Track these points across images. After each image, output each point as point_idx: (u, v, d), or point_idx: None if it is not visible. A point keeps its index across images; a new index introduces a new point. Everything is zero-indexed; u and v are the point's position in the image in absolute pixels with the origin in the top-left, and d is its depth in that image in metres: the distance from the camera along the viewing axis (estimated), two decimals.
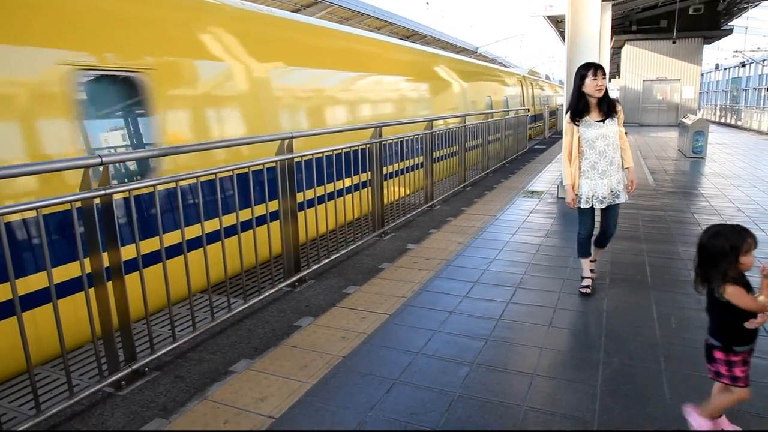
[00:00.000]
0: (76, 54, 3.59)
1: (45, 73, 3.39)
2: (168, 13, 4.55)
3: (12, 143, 3.25)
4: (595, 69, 3.85)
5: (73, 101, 3.51)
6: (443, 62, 11.87)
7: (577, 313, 3.72)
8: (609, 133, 3.93)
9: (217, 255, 3.60)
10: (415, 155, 6.82)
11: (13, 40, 3.32)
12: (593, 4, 7.34)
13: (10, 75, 3.26)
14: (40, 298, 3.13)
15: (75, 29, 3.67)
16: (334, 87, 6.91)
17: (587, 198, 4.03)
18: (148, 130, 4.09)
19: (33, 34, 3.41)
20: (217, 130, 4.76)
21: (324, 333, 3.47)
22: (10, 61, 3.27)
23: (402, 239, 5.70)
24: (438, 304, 3.88)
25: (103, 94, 3.94)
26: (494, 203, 7.48)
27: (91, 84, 3.74)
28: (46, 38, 3.47)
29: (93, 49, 3.73)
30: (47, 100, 3.41)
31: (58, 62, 3.44)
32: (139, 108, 4.05)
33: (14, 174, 2.63)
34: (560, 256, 4.98)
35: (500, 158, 11.43)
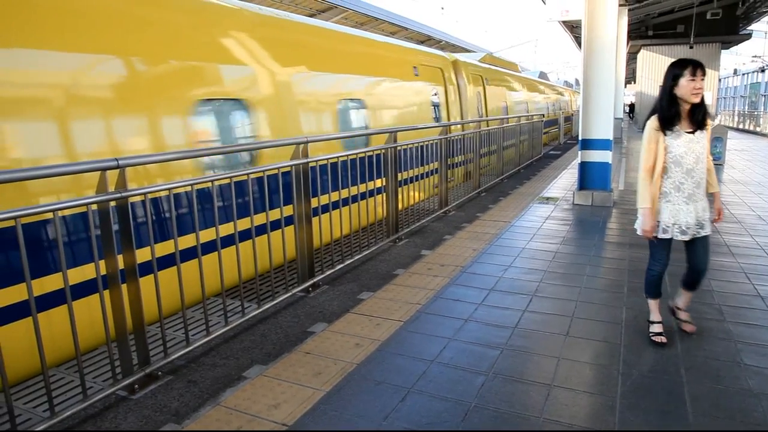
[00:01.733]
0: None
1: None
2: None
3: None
4: (693, 68, 3.13)
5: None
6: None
7: (595, 323, 3.65)
8: (700, 148, 3.22)
9: (232, 259, 3.59)
10: (431, 161, 6.78)
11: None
12: (610, 9, 7.29)
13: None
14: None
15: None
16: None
17: (666, 226, 3.31)
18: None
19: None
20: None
21: (338, 339, 3.44)
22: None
23: (416, 245, 5.67)
24: (453, 312, 3.84)
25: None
26: (509, 209, 7.42)
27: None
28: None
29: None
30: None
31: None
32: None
33: (34, 176, 2.65)
34: (576, 263, 4.92)
35: (515, 164, 11.36)
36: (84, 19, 3.63)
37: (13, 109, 3.17)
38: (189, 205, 3.94)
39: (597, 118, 7.56)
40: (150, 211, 3.08)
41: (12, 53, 3.19)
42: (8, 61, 3.16)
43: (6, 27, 3.16)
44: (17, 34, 3.22)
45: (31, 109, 3.28)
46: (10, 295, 2.96)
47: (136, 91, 3.88)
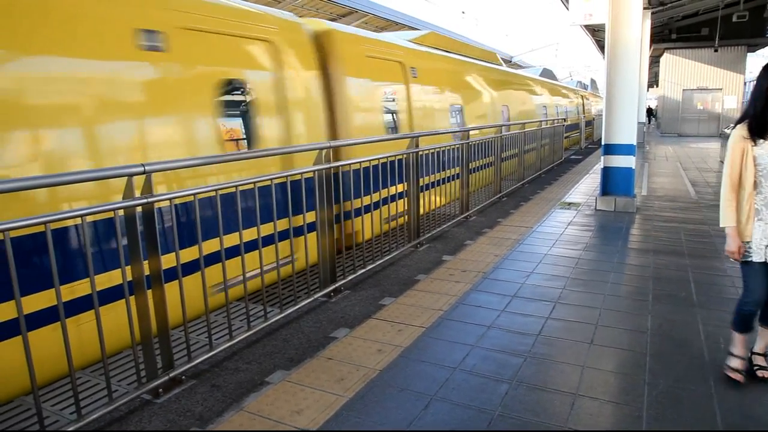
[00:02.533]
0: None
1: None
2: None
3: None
4: None
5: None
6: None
7: (619, 331, 3.60)
8: None
9: (254, 264, 3.61)
10: (452, 166, 6.76)
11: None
12: (635, 13, 7.20)
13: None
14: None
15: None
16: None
17: (759, 248, 2.83)
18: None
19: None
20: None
21: (360, 345, 3.44)
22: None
23: (438, 250, 5.65)
24: (475, 318, 3.81)
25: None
26: (531, 215, 7.36)
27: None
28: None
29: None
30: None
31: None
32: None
33: (61, 182, 2.69)
34: (599, 270, 4.85)
35: (536, 168, 11.28)
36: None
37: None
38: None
39: (620, 122, 7.47)
40: (174, 215, 3.11)
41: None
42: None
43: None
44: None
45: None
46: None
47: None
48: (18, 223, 2.35)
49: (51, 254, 2.45)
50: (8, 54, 3.03)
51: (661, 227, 6.47)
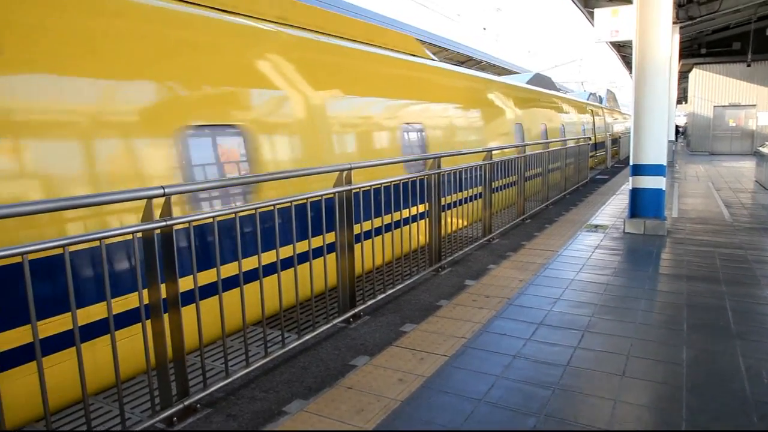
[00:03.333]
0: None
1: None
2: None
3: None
4: None
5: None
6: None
7: (653, 363, 3.43)
8: None
9: (272, 288, 3.54)
10: (473, 185, 6.65)
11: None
12: (663, 28, 7.04)
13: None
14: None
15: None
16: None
17: None
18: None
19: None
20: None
21: (380, 374, 3.32)
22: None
23: (460, 275, 5.52)
24: (500, 347, 3.67)
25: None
26: (556, 237, 7.18)
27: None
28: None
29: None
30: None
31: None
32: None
33: (80, 204, 2.67)
34: (630, 297, 4.67)
35: (560, 189, 11.07)
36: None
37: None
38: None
39: (649, 141, 7.28)
40: (193, 238, 3.07)
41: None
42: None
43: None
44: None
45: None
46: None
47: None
48: (37, 246, 2.32)
49: (68, 278, 2.42)
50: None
51: (694, 251, 6.24)
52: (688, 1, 16.64)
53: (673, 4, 8.59)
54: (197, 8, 4.38)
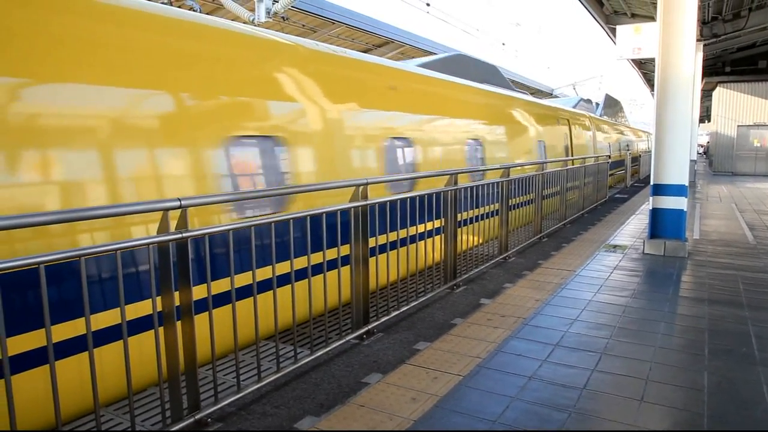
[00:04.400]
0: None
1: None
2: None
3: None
4: None
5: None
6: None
7: (672, 388, 3.34)
8: None
9: (285, 302, 3.53)
10: (490, 202, 6.60)
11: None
12: (687, 46, 6.96)
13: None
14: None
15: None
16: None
17: None
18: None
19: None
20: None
21: (393, 392, 3.28)
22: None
23: (475, 293, 5.46)
24: (515, 368, 3.61)
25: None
26: (573, 257, 7.08)
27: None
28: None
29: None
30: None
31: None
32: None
33: (96, 215, 2.70)
34: (649, 320, 4.57)
35: (578, 207, 10.95)
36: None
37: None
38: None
39: (671, 161, 7.17)
40: (208, 249, 3.08)
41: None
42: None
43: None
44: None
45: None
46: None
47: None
48: (55, 256, 2.34)
49: (84, 286, 2.44)
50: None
51: (715, 274, 6.11)
52: (712, 19, 16.49)
53: (697, 21, 8.50)
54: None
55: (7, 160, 2.95)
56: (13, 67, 3.04)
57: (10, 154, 2.97)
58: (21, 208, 2.94)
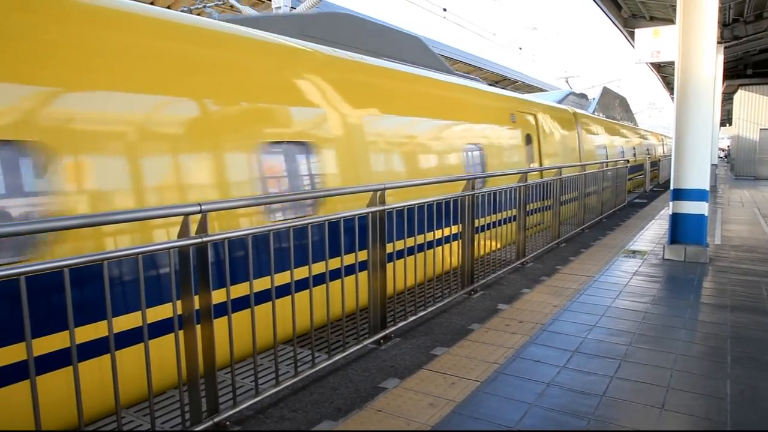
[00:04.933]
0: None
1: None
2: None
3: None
4: None
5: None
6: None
7: (694, 396, 3.29)
8: None
9: (303, 306, 3.55)
10: (508, 208, 6.57)
11: None
12: (707, 48, 6.87)
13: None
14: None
15: None
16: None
17: None
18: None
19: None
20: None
21: (411, 397, 3.28)
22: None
23: (492, 298, 5.43)
24: (533, 374, 3.58)
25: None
26: (592, 262, 7.02)
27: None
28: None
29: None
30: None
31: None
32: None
33: (117, 220, 2.75)
34: (669, 326, 4.51)
35: (597, 212, 10.85)
36: None
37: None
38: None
39: (691, 165, 7.07)
40: (227, 254, 3.11)
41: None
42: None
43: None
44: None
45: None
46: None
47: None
48: (78, 260, 2.39)
49: (106, 289, 2.48)
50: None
51: (738, 281, 6.01)
52: (733, 20, 16.24)
53: (717, 23, 8.38)
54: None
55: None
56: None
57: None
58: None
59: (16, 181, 2.94)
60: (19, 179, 2.95)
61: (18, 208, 2.94)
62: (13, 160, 2.93)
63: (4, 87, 2.89)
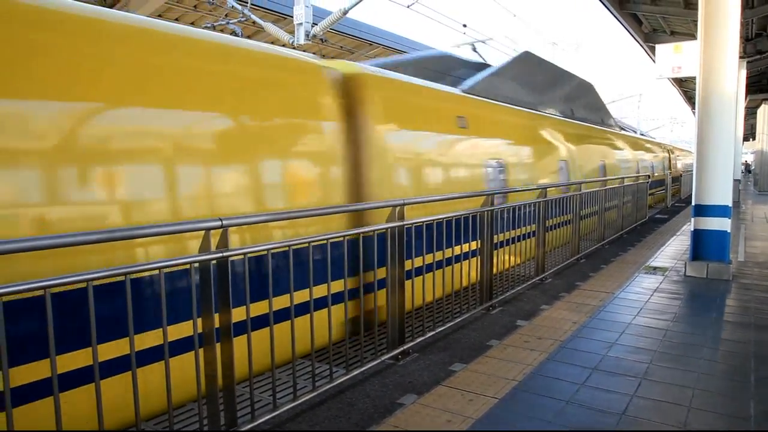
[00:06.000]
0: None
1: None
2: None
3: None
4: None
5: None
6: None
7: (716, 416, 3.24)
8: None
9: (321, 320, 3.58)
10: (527, 223, 6.56)
11: None
12: (730, 63, 6.80)
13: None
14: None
15: None
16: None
17: None
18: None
19: None
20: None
21: (428, 414, 3.28)
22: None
23: (511, 314, 5.41)
24: (552, 392, 3.56)
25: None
26: (612, 279, 6.95)
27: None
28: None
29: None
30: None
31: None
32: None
33: (139, 235, 2.81)
34: (691, 344, 4.45)
35: (617, 228, 10.74)
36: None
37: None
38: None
39: (714, 181, 6.98)
40: (247, 269, 3.16)
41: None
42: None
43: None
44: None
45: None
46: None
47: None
48: (101, 274, 2.45)
49: (129, 304, 2.53)
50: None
51: (762, 298, 5.90)
52: (756, 35, 16.08)
53: (740, 38, 8.32)
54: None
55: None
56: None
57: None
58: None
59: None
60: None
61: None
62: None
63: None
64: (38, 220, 2.93)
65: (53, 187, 3.00)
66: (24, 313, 2.66)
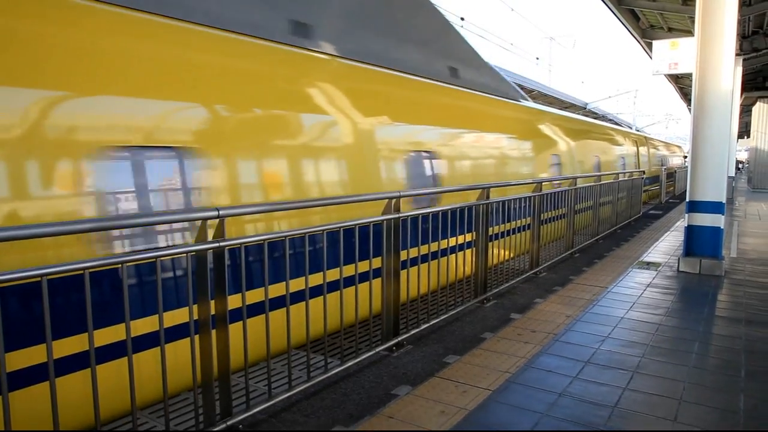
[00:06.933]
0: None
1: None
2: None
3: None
4: None
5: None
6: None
7: (706, 409, 3.27)
8: None
9: (315, 311, 3.59)
10: (521, 217, 6.58)
11: None
12: (726, 61, 6.82)
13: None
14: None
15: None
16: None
17: None
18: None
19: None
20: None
21: (422, 405, 3.30)
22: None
23: (505, 307, 5.44)
24: (545, 384, 3.59)
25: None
26: (605, 273, 6.99)
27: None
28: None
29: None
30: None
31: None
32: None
33: (138, 224, 2.81)
34: (683, 339, 4.49)
35: (611, 223, 10.79)
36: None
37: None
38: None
39: (708, 178, 7.02)
40: (243, 259, 3.17)
41: None
42: None
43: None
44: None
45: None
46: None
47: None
48: (96, 263, 2.46)
49: (125, 292, 2.54)
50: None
51: (754, 294, 5.96)
52: (752, 33, 16.11)
53: (736, 35, 8.34)
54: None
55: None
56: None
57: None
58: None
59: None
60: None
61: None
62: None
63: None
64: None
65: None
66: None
